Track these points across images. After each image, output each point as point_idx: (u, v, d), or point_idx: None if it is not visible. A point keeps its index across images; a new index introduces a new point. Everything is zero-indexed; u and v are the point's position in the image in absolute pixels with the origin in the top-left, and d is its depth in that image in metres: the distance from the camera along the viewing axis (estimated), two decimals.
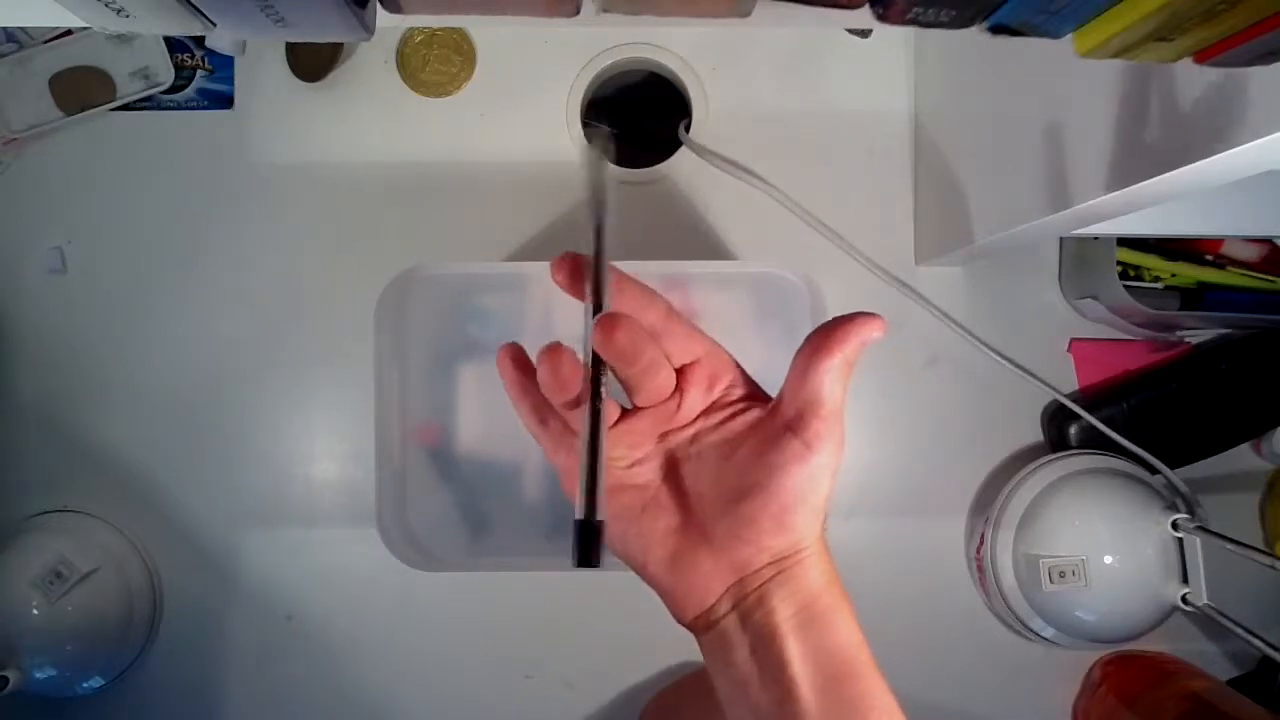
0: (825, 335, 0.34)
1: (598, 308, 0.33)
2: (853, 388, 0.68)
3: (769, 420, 0.34)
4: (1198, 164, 0.35)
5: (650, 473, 0.36)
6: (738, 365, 0.37)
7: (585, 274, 0.34)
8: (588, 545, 0.32)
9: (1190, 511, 0.62)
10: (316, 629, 0.68)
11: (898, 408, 0.69)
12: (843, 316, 0.34)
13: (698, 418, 0.36)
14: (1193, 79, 0.35)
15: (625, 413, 0.35)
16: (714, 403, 0.36)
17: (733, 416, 0.35)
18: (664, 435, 0.36)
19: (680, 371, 0.36)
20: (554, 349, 0.33)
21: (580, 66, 0.69)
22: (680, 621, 0.35)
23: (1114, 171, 0.41)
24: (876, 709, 0.31)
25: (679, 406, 0.36)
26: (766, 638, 0.32)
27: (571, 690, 0.68)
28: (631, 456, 0.36)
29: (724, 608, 0.34)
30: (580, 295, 0.34)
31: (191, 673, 0.68)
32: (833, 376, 0.33)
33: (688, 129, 0.69)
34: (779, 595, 0.33)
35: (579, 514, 0.32)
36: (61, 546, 0.63)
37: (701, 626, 0.34)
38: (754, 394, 0.37)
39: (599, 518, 0.32)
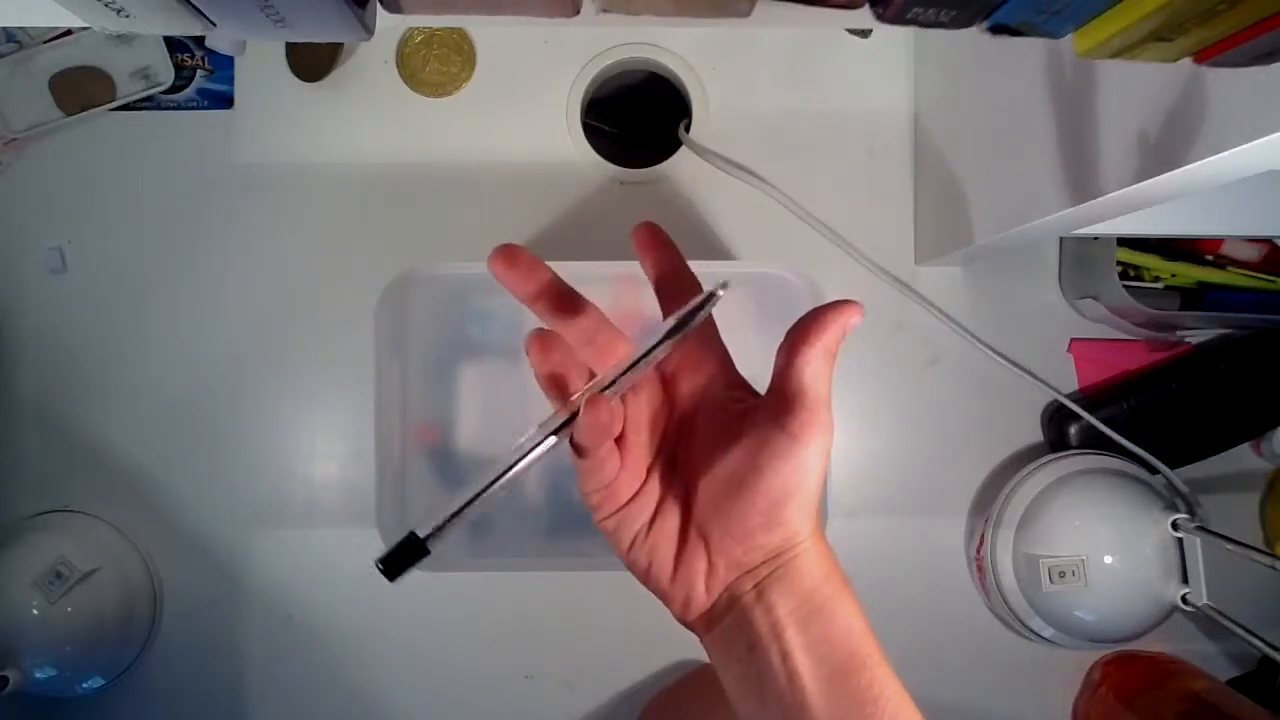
0: (804, 327, 0.34)
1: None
2: (854, 388, 0.69)
3: (756, 415, 0.33)
4: (1198, 164, 0.35)
5: (654, 482, 0.36)
6: (726, 356, 0.37)
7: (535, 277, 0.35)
8: (401, 559, 0.32)
9: (1190, 511, 0.62)
10: (317, 629, 0.68)
11: (898, 408, 0.69)
12: (821, 306, 0.34)
13: (687, 411, 0.36)
14: (1193, 79, 0.35)
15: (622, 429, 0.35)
16: (703, 398, 0.36)
17: (721, 411, 0.35)
18: (662, 440, 0.36)
19: (668, 370, 0.36)
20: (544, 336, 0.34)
21: (580, 66, 0.69)
22: (682, 623, 0.35)
23: (1114, 171, 0.41)
24: (883, 698, 0.31)
25: (671, 405, 0.36)
26: (768, 634, 0.32)
27: (571, 690, 0.68)
28: (630, 492, 0.35)
29: (724, 606, 0.34)
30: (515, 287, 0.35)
31: (191, 673, 0.68)
32: (814, 367, 0.33)
33: (688, 129, 0.69)
34: (777, 590, 0.32)
35: (420, 530, 0.32)
36: (61, 546, 0.63)
37: (703, 626, 0.34)
38: (742, 388, 0.37)
39: (428, 545, 0.32)
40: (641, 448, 0.35)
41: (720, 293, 0.34)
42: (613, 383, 0.33)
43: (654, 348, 0.34)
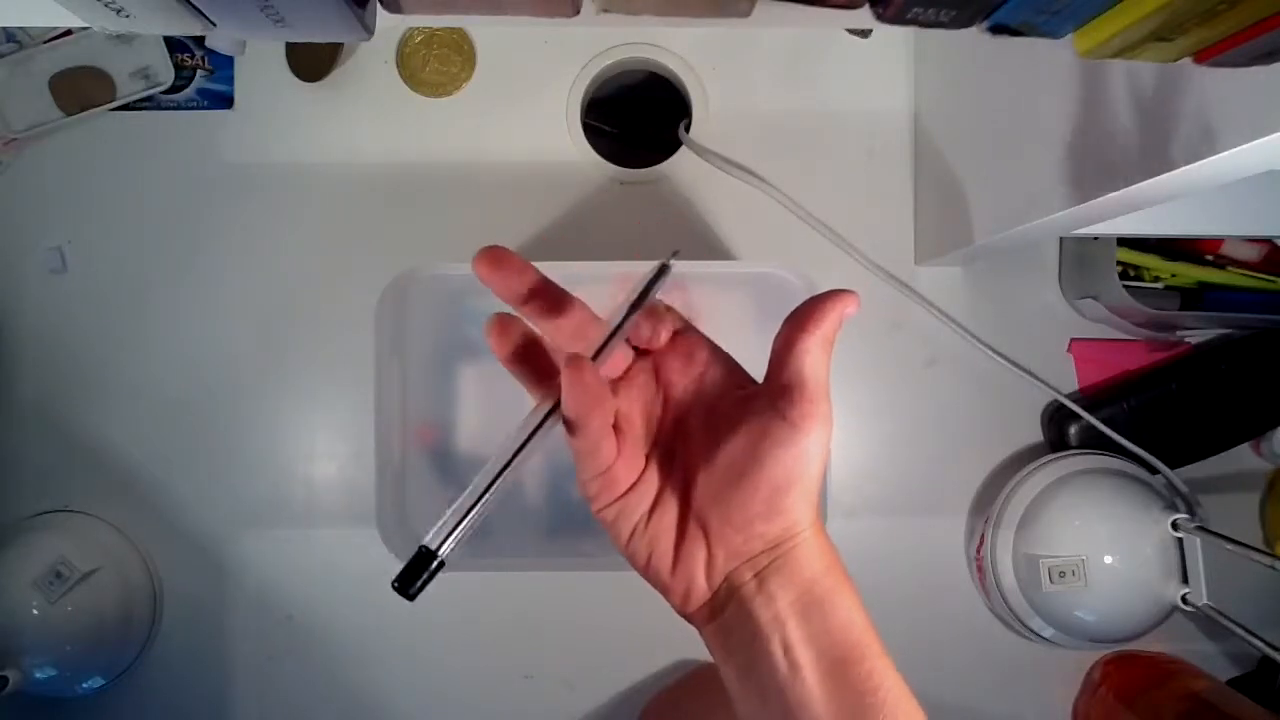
0: (801, 315, 0.34)
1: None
2: (853, 388, 0.69)
3: (755, 404, 0.33)
4: (1198, 164, 0.35)
5: (653, 473, 0.36)
6: (713, 344, 0.37)
7: (515, 272, 0.35)
8: (416, 575, 0.31)
9: (1190, 511, 0.62)
10: (316, 629, 0.68)
11: (897, 408, 0.69)
12: (817, 295, 0.34)
13: (682, 402, 0.36)
14: (1193, 79, 0.35)
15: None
16: (699, 388, 0.36)
17: (719, 400, 0.35)
18: (659, 431, 0.36)
19: (659, 353, 0.36)
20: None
21: (580, 66, 0.69)
22: (682, 614, 0.35)
23: (1114, 171, 0.41)
24: (884, 689, 0.31)
25: (666, 396, 0.36)
26: (769, 625, 0.32)
27: (571, 690, 0.68)
28: (629, 481, 0.35)
29: (724, 597, 0.33)
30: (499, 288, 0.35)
31: (191, 673, 0.68)
32: (813, 356, 0.33)
33: (688, 129, 0.69)
34: (777, 581, 0.32)
35: (430, 543, 0.32)
36: (61, 546, 0.63)
37: (703, 618, 0.34)
38: (741, 375, 0.37)
39: (441, 556, 0.32)
40: (637, 436, 0.35)
41: (672, 262, 0.35)
42: (594, 357, 0.33)
43: (625, 319, 0.34)
